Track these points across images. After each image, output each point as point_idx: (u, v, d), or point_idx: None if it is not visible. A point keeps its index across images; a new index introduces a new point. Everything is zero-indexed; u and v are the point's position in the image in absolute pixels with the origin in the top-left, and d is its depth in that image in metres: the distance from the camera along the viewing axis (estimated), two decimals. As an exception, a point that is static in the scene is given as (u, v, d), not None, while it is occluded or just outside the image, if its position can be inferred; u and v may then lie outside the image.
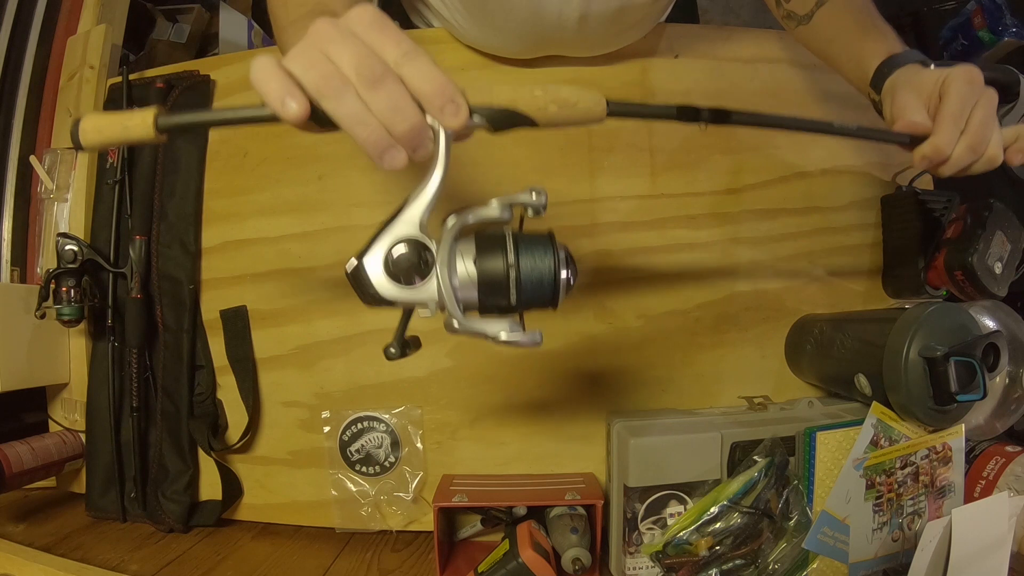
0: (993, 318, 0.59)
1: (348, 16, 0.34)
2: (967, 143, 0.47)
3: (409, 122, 0.33)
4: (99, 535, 0.68)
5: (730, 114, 0.41)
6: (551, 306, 0.39)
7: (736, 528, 0.55)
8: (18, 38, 0.82)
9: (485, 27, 0.65)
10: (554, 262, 0.37)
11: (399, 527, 0.70)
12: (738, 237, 0.71)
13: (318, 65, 0.33)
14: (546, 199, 0.38)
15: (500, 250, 0.37)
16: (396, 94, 0.33)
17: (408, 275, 0.36)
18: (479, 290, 0.37)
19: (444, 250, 0.36)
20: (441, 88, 0.33)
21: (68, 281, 0.68)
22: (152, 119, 0.37)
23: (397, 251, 0.36)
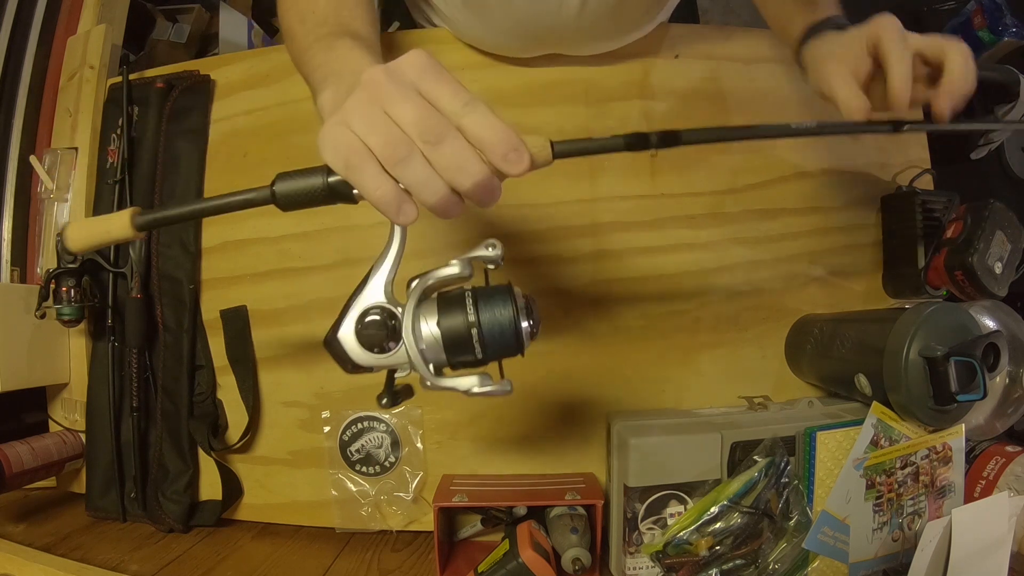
0: (993, 318, 0.59)
1: (401, 66, 0.34)
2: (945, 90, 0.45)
3: (474, 179, 0.33)
4: (99, 535, 0.68)
5: (679, 135, 0.41)
6: (518, 354, 0.40)
7: (736, 528, 0.55)
8: (18, 38, 0.82)
9: (484, 23, 0.65)
10: (514, 313, 0.38)
11: (399, 527, 0.69)
12: (738, 237, 0.71)
13: (382, 128, 0.33)
14: (502, 251, 0.39)
15: (461, 309, 0.38)
16: (459, 150, 0.33)
17: (380, 343, 0.38)
18: (445, 350, 0.38)
19: (408, 316, 0.38)
20: (504, 138, 0.33)
21: (68, 281, 0.68)
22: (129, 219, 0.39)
23: (367, 321, 0.38)
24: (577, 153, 0.39)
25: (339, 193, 0.37)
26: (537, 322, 0.40)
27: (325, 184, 0.37)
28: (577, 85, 0.71)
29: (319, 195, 0.38)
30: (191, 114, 0.74)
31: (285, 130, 0.73)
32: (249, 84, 0.75)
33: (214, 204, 0.41)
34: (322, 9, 0.49)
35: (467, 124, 0.33)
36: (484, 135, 0.33)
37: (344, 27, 0.48)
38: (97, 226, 0.40)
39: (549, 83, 0.71)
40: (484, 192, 0.34)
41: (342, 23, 0.48)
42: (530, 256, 0.70)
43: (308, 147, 0.74)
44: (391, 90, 0.33)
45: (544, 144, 0.37)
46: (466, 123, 0.33)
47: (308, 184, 0.38)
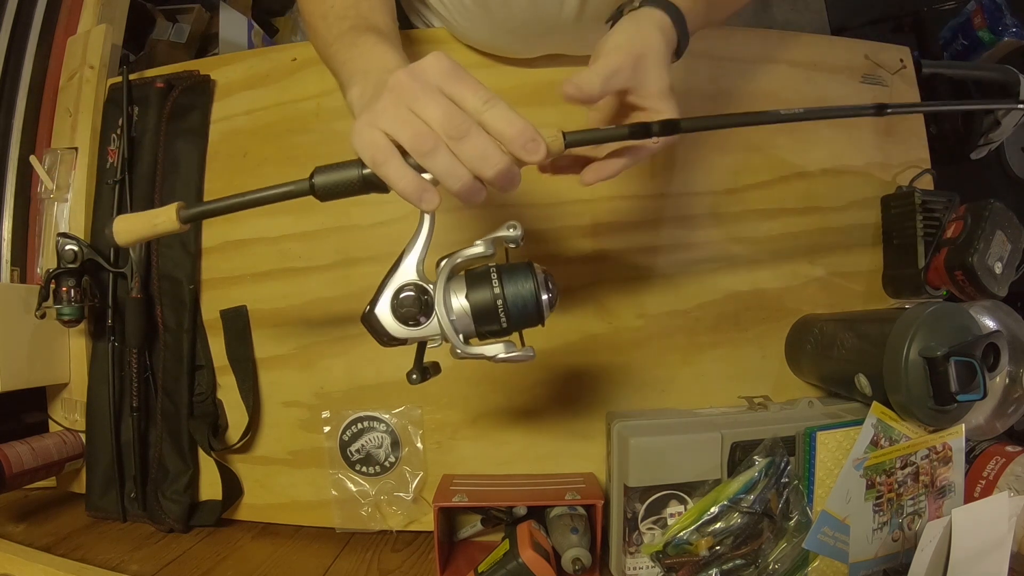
0: (993, 318, 0.59)
1: (424, 68, 0.37)
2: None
3: (496, 168, 0.37)
4: (99, 535, 0.68)
5: (678, 123, 0.44)
6: (539, 324, 0.44)
7: (736, 528, 0.55)
8: (18, 38, 0.82)
9: (483, 24, 0.65)
10: (535, 287, 0.43)
11: (399, 527, 0.70)
12: (738, 237, 0.71)
13: (409, 125, 0.36)
14: (522, 231, 0.43)
15: (487, 283, 0.42)
16: (482, 144, 0.36)
17: (414, 317, 0.42)
18: (474, 320, 0.43)
19: (440, 291, 0.42)
20: (522, 130, 0.36)
21: (68, 281, 0.68)
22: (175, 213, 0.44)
23: (402, 297, 0.42)
24: (587, 142, 0.43)
25: (372, 184, 0.41)
26: (556, 294, 0.44)
27: (360, 176, 0.41)
28: (577, 85, 0.71)
29: (355, 186, 0.42)
30: (191, 114, 0.74)
31: (285, 130, 0.73)
32: (249, 84, 0.75)
33: (255, 197, 0.44)
34: (341, 3, 0.51)
35: (488, 119, 0.37)
36: (504, 129, 0.36)
37: (364, 20, 0.49)
38: (144, 220, 0.44)
39: (550, 83, 0.71)
40: (505, 179, 0.38)
41: (362, 16, 0.50)
42: (530, 256, 0.70)
43: (308, 147, 0.75)
44: (417, 91, 0.37)
45: (557, 135, 0.40)
46: (487, 118, 0.37)
47: (345, 176, 0.41)
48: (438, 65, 0.37)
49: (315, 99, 0.72)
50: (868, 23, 1.26)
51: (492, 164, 0.37)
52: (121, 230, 0.44)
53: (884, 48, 0.76)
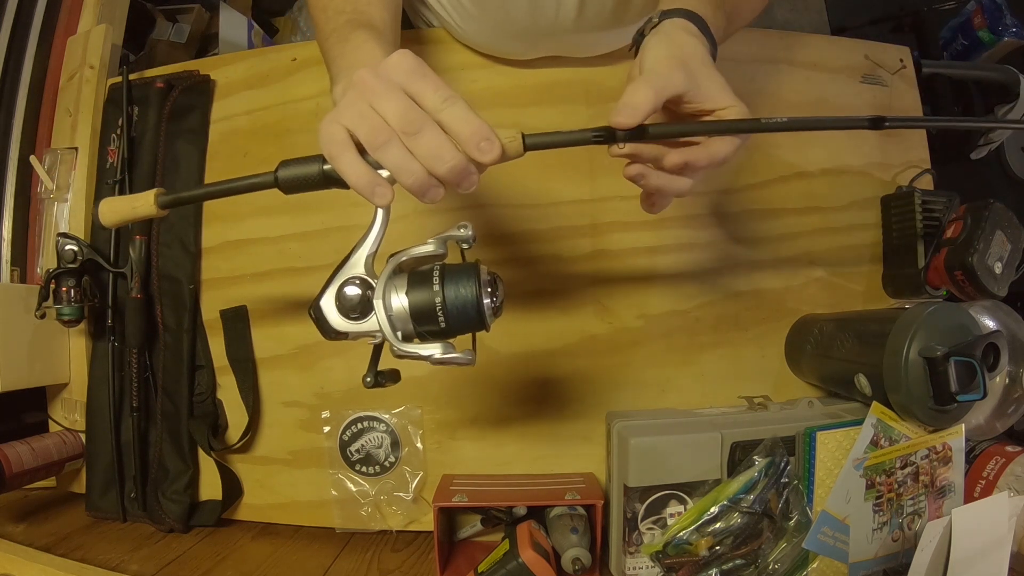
0: (993, 318, 0.59)
1: (388, 65, 0.38)
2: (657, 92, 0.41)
3: (448, 164, 0.37)
4: (99, 535, 0.68)
5: (645, 129, 0.42)
6: (482, 328, 0.43)
7: (736, 528, 0.55)
8: (18, 38, 0.82)
9: (482, 25, 0.65)
10: (476, 289, 0.41)
11: (399, 527, 0.70)
12: (738, 237, 0.71)
13: (366, 119, 0.37)
14: (472, 232, 0.43)
15: (427, 283, 0.42)
16: (436, 141, 0.37)
17: (355, 311, 0.42)
18: (413, 320, 0.42)
19: (380, 287, 0.42)
20: (476, 130, 0.37)
21: (68, 281, 0.68)
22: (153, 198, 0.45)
23: (345, 290, 0.42)
24: (548, 146, 0.41)
25: (332, 179, 0.42)
26: (500, 299, 0.43)
27: (320, 171, 0.42)
28: (577, 85, 0.71)
29: (315, 180, 0.42)
30: (191, 114, 0.74)
31: (285, 130, 0.73)
32: (249, 84, 0.75)
33: (225, 187, 0.45)
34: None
35: (445, 117, 0.37)
36: (459, 127, 0.37)
37: (360, 15, 0.49)
38: (125, 203, 0.46)
39: (549, 83, 0.71)
40: (459, 176, 0.38)
41: (359, 11, 0.50)
42: (530, 256, 0.70)
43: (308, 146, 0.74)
44: (378, 88, 0.37)
45: (515, 136, 0.40)
46: (444, 116, 0.37)
47: (306, 170, 0.42)
48: (402, 63, 0.38)
49: (315, 99, 0.72)
50: (868, 23, 1.26)
51: (445, 161, 0.37)
52: (105, 211, 0.46)
53: (884, 48, 0.76)
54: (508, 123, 0.70)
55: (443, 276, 0.42)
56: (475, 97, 0.71)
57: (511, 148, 0.40)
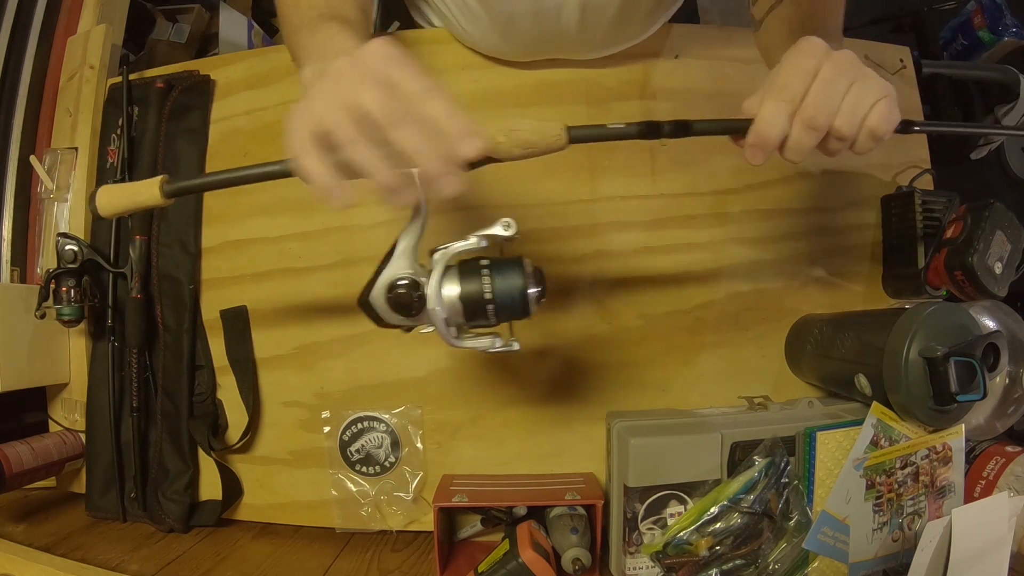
0: (993, 318, 0.59)
1: (365, 55, 0.36)
2: (801, 120, 0.41)
3: (430, 160, 0.35)
4: (99, 535, 0.68)
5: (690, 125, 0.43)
6: (525, 316, 0.45)
7: (736, 528, 0.55)
8: (18, 38, 0.82)
9: (487, 27, 0.65)
10: (523, 282, 0.44)
11: (399, 527, 0.70)
12: (738, 237, 0.71)
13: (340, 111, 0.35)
14: (516, 229, 0.44)
15: (477, 278, 0.43)
16: (417, 134, 0.34)
17: (407, 308, 0.43)
18: (464, 313, 0.44)
19: (434, 285, 0.43)
20: (460, 124, 0.35)
21: (68, 281, 0.68)
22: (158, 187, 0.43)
23: (397, 292, 0.43)
24: (592, 139, 0.43)
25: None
26: (544, 289, 0.45)
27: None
28: (578, 85, 0.71)
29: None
30: (191, 114, 0.74)
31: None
32: (249, 84, 0.75)
33: (236, 175, 0.44)
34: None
35: (427, 109, 0.35)
36: (443, 120, 0.35)
37: (333, 11, 0.48)
38: (127, 192, 0.43)
39: (550, 83, 0.71)
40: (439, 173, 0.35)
41: (331, 6, 0.49)
42: (530, 256, 0.70)
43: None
44: (354, 76, 0.35)
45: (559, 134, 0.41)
46: (427, 108, 0.35)
47: None
48: (382, 51, 0.36)
49: (315, 99, 0.72)
50: (868, 23, 1.26)
51: (427, 156, 0.35)
52: (104, 202, 0.43)
53: (884, 48, 0.76)
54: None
55: (492, 271, 0.44)
56: (475, 97, 0.71)
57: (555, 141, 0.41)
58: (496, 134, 0.41)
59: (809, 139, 0.41)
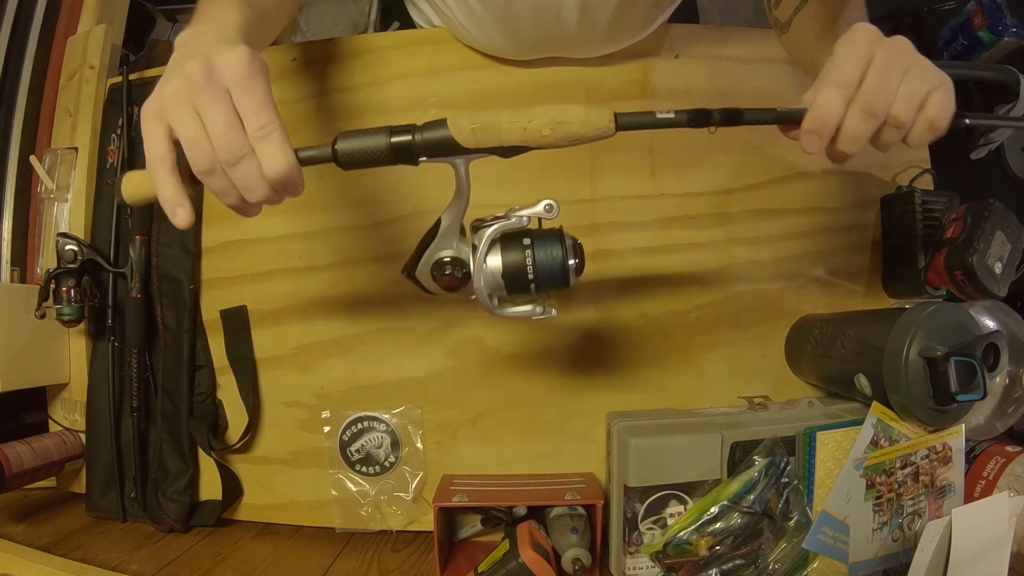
0: (993, 318, 0.59)
1: (220, 67, 0.37)
2: (858, 106, 0.40)
3: (259, 196, 0.39)
4: (99, 535, 0.68)
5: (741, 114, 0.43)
6: (564, 288, 0.47)
7: (736, 528, 0.55)
8: (18, 38, 0.82)
9: (487, 26, 0.65)
10: (563, 253, 0.46)
11: (399, 527, 0.70)
12: (738, 237, 0.71)
13: (190, 129, 0.37)
14: (557, 211, 0.46)
15: (520, 251, 0.46)
16: (250, 174, 0.38)
17: (451, 283, 0.46)
18: (506, 284, 0.46)
19: (479, 263, 0.45)
20: (281, 176, 0.38)
21: (68, 281, 0.68)
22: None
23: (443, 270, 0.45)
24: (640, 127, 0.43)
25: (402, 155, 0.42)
26: (582, 261, 0.47)
27: (388, 144, 0.41)
28: (578, 85, 0.71)
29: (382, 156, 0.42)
30: (191, 114, 0.74)
31: (285, 130, 0.73)
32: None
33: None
34: None
35: (258, 147, 0.37)
36: (268, 170, 0.38)
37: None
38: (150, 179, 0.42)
39: (550, 83, 0.71)
40: (269, 202, 0.40)
41: None
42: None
43: (308, 146, 0.74)
44: (205, 93, 0.37)
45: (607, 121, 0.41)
46: (258, 149, 0.37)
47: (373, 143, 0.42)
48: (235, 68, 0.37)
49: (315, 99, 0.72)
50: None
51: (255, 194, 0.38)
52: (129, 187, 0.42)
53: (884, 48, 0.76)
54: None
55: (534, 244, 0.46)
56: (475, 97, 0.71)
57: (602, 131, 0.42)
58: (542, 127, 0.41)
59: (867, 126, 0.41)
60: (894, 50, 0.41)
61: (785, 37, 0.59)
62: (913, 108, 0.41)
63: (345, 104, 0.71)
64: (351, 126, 0.70)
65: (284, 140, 0.38)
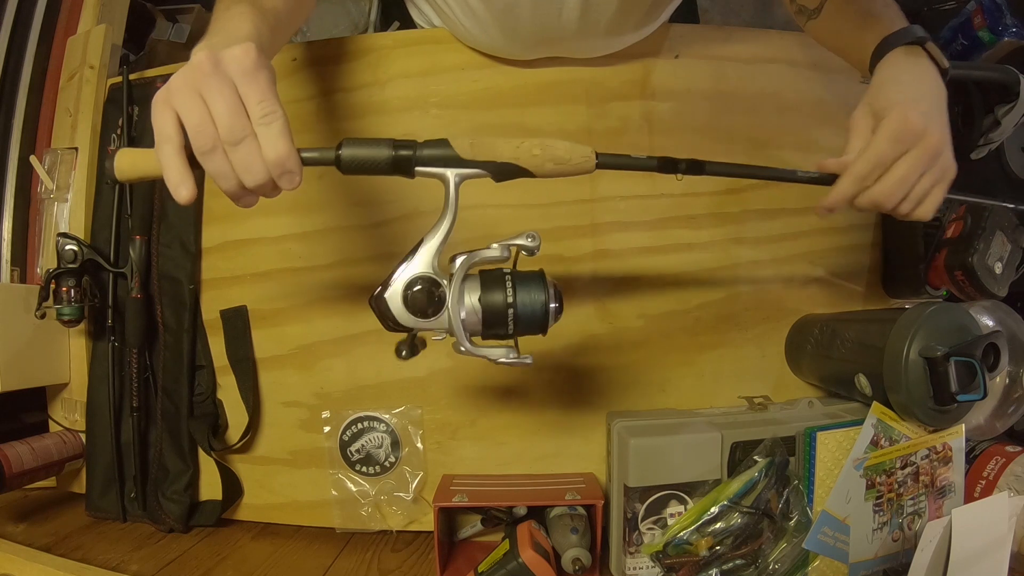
0: (993, 318, 0.59)
1: (226, 59, 0.39)
2: (868, 199, 0.48)
3: (256, 180, 0.39)
4: (99, 535, 0.68)
5: (704, 165, 0.48)
6: (541, 333, 0.46)
7: (736, 528, 0.55)
8: (18, 38, 0.82)
9: (488, 25, 0.65)
10: (545, 298, 0.44)
11: (399, 527, 0.70)
12: (738, 237, 0.71)
13: (195, 113, 0.38)
14: (539, 243, 0.45)
15: (501, 288, 0.44)
16: (250, 156, 0.39)
17: (423, 309, 0.43)
18: (483, 322, 0.44)
19: (455, 289, 0.43)
20: (280, 160, 0.39)
21: (68, 281, 0.68)
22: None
23: (415, 290, 0.43)
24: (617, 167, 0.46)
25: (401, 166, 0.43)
26: (561, 306, 0.46)
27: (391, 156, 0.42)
28: (578, 85, 0.71)
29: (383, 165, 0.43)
30: (191, 114, 0.74)
31: (285, 130, 0.73)
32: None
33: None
34: None
35: (260, 135, 0.39)
36: (267, 150, 0.39)
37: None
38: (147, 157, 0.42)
39: (550, 83, 0.71)
40: (263, 190, 0.41)
41: None
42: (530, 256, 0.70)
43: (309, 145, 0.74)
44: (211, 81, 0.38)
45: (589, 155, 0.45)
46: (260, 134, 0.39)
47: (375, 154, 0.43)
48: (240, 60, 0.39)
49: (315, 99, 0.72)
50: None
51: (253, 177, 0.39)
52: (124, 165, 0.42)
53: (884, 48, 0.76)
54: (509, 123, 0.70)
55: (515, 283, 0.44)
56: (475, 97, 0.71)
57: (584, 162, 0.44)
58: (532, 147, 0.44)
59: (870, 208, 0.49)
60: (923, 158, 0.47)
61: (814, 24, 0.60)
62: (910, 208, 0.49)
63: (345, 104, 0.71)
64: (351, 126, 0.71)
65: (286, 128, 0.39)
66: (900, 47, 0.51)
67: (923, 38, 0.50)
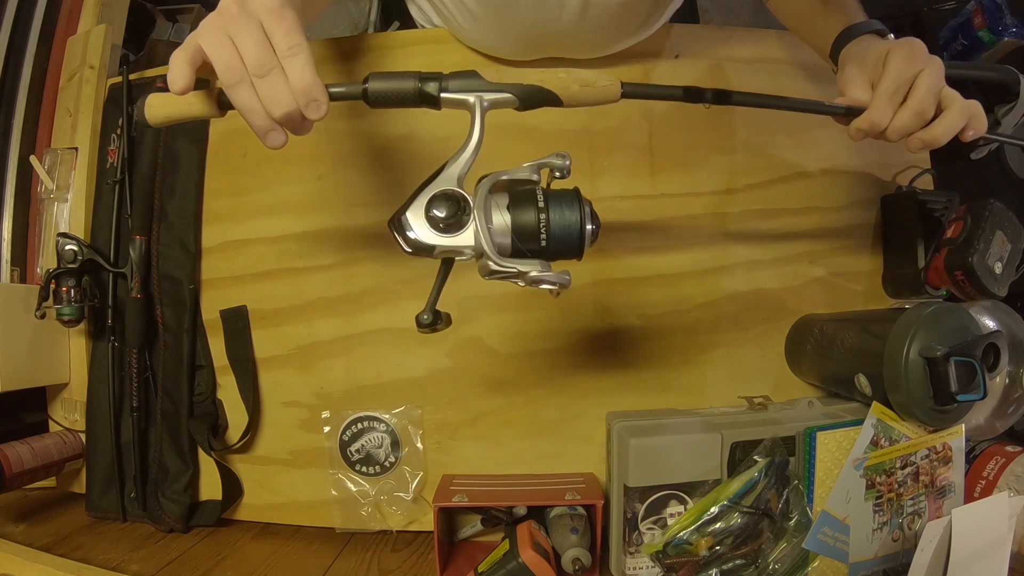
0: (993, 318, 0.59)
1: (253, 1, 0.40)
2: (909, 111, 0.49)
3: (284, 109, 0.39)
4: (99, 535, 0.68)
5: (730, 95, 0.48)
6: (576, 256, 0.42)
7: (736, 528, 0.55)
8: (18, 38, 0.82)
9: (486, 26, 0.65)
10: (580, 215, 0.41)
11: (399, 527, 0.70)
12: (738, 237, 0.71)
13: (223, 50, 0.39)
14: (570, 162, 0.43)
15: (532, 201, 0.41)
16: (278, 86, 0.39)
17: (449, 224, 0.40)
18: (513, 236, 0.40)
19: (480, 199, 0.40)
20: (307, 88, 0.39)
21: (68, 281, 0.68)
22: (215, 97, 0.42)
23: (439, 203, 0.40)
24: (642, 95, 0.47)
25: (427, 98, 0.42)
26: (598, 228, 0.42)
27: (416, 88, 0.42)
28: (577, 85, 0.71)
29: (409, 97, 0.43)
30: (191, 114, 0.74)
31: (285, 130, 0.73)
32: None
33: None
34: None
35: (287, 66, 0.39)
36: (295, 80, 0.39)
37: None
38: (177, 100, 0.42)
39: (549, 83, 0.71)
40: (291, 123, 0.41)
41: None
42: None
43: (309, 145, 0.74)
44: (239, 20, 0.39)
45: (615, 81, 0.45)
46: (287, 65, 0.39)
47: (401, 86, 0.43)
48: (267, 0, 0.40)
49: (315, 99, 0.72)
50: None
51: (281, 106, 0.39)
52: (154, 105, 0.42)
53: (884, 48, 0.76)
54: (508, 122, 0.70)
55: (547, 197, 0.41)
56: (475, 97, 0.71)
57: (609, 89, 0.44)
58: (557, 70, 0.44)
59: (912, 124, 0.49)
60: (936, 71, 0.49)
61: (778, 2, 0.62)
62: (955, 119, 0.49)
63: (345, 103, 0.71)
64: (351, 126, 0.71)
65: (311, 59, 0.39)
66: (866, 34, 0.54)
67: (884, 30, 0.54)
